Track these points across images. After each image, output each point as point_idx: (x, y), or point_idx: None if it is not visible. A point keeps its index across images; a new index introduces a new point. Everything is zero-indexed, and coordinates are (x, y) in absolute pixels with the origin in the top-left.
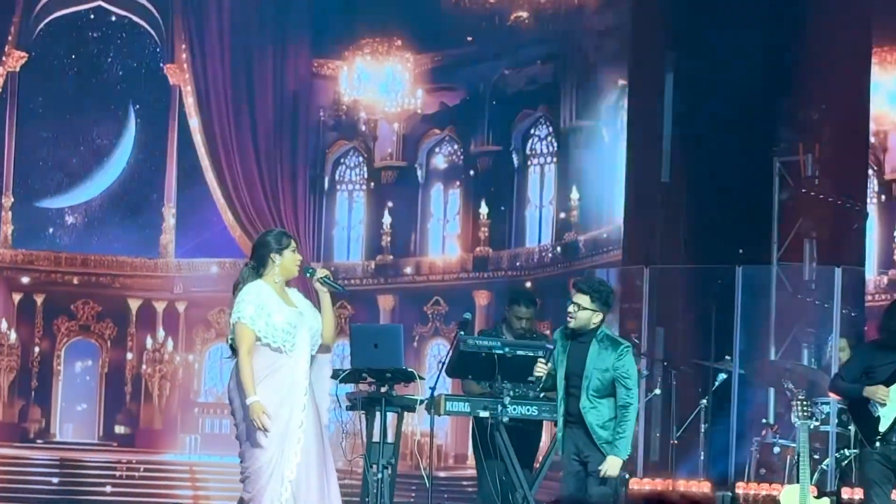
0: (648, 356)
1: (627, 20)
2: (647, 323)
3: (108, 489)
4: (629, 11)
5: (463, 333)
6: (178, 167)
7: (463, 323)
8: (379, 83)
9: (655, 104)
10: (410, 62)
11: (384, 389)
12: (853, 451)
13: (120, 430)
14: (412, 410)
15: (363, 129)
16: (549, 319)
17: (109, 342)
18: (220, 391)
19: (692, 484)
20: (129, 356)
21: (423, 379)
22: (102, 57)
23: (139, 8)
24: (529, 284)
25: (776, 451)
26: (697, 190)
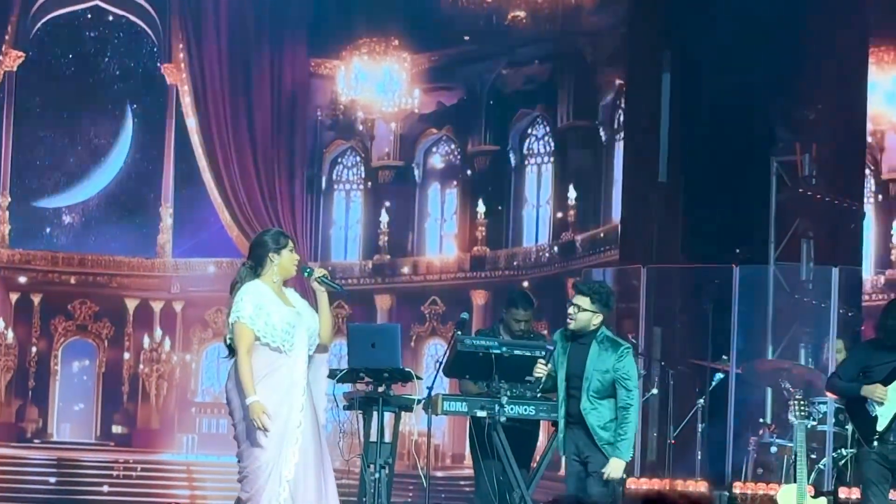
0: (646, 356)
1: (625, 20)
2: (644, 323)
3: (105, 489)
4: (626, 11)
5: (460, 333)
6: (175, 167)
7: (460, 323)
8: (376, 83)
9: (653, 104)
10: (408, 62)
11: (381, 389)
12: (850, 450)
13: (117, 429)
14: (410, 410)
15: (360, 128)
16: (546, 319)
17: (107, 342)
18: (217, 391)
19: (689, 483)
20: (126, 356)
21: (420, 379)
22: (99, 57)
23: (136, 8)
24: (526, 284)
25: (773, 450)
26: (695, 190)
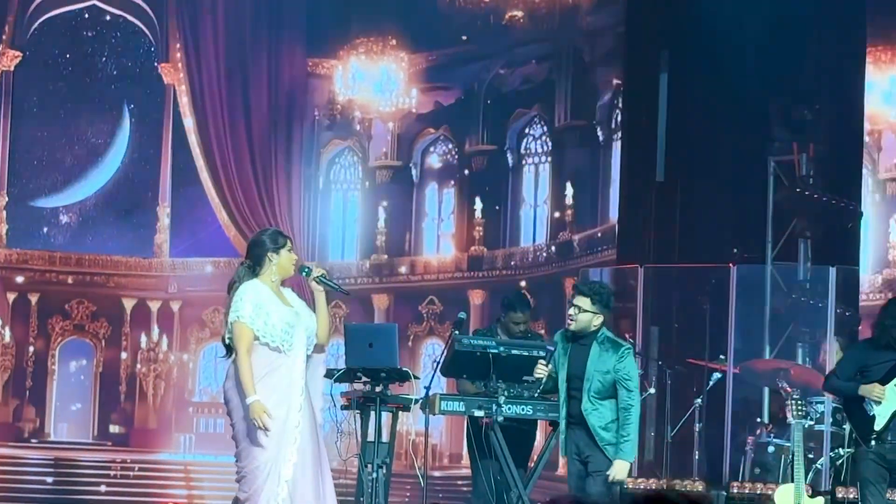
0: (643, 356)
1: (622, 20)
2: (641, 322)
3: (102, 488)
4: (624, 11)
5: (458, 333)
6: (172, 166)
7: (458, 322)
8: (373, 82)
9: (650, 104)
10: (405, 61)
11: (379, 389)
12: (848, 450)
13: (114, 429)
14: (407, 410)
15: (358, 128)
16: (543, 319)
17: (104, 342)
18: (214, 391)
19: (687, 483)
20: (123, 355)
21: (417, 378)
22: (97, 56)
23: (134, 7)
24: (524, 284)
25: (771, 450)
26: (692, 189)
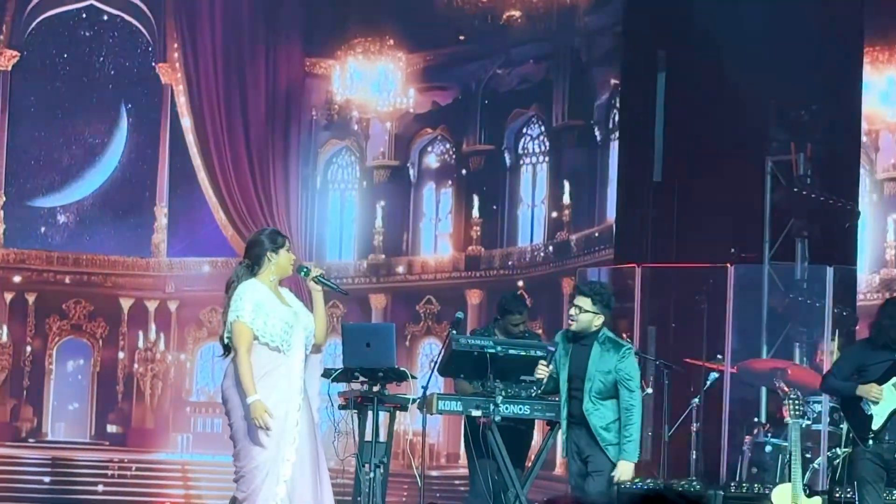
0: (640, 355)
1: (620, 19)
2: (639, 322)
3: (100, 488)
4: (621, 11)
5: (455, 332)
6: (170, 166)
7: (455, 322)
8: (371, 82)
9: (648, 104)
10: (402, 61)
11: (376, 388)
12: (845, 449)
13: (112, 429)
14: (404, 409)
15: (355, 128)
16: (541, 319)
17: (101, 341)
18: (211, 390)
19: (684, 483)
20: (120, 355)
21: (415, 378)
22: (94, 56)
23: (131, 7)
24: (521, 284)
25: (768, 449)
26: (689, 189)
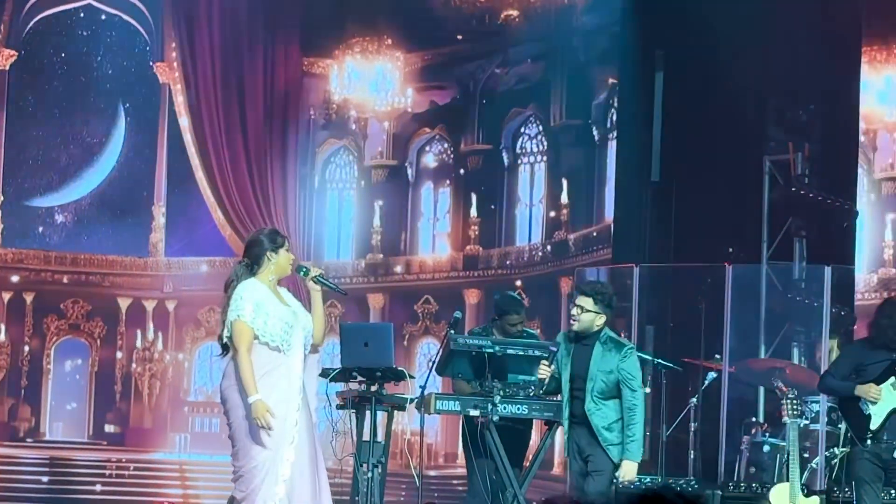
0: (638, 355)
1: (617, 19)
2: (636, 321)
3: (98, 488)
4: (619, 10)
5: (453, 332)
6: (167, 166)
7: (453, 321)
8: (369, 82)
9: (646, 103)
10: (400, 61)
11: (374, 388)
12: (843, 449)
13: (110, 428)
14: (402, 409)
15: (353, 127)
16: (539, 318)
17: (99, 341)
18: (210, 390)
19: (682, 482)
20: (118, 355)
21: (413, 378)
22: (92, 55)
23: (129, 6)
24: (519, 283)
25: (766, 449)
26: (687, 189)
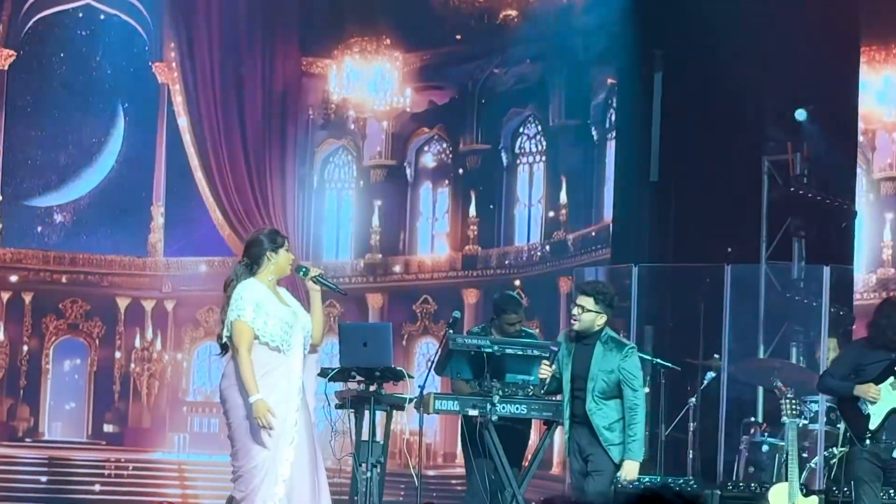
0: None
1: (616, 19)
2: (635, 321)
3: (96, 488)
4: (618, 10)
5: (452, 332)
6: (166, 166)
7: (452, 321)
8: (368, 82)
9: (644, 103)
10: (399, 61)
11: (373, 388)
12: (842, 449)
13: (108, 428)
14: (401, 409)
15: (352, 127)
16: (538, 318)
17: (98, 341)
18: (208, 390)
19: (681, 482)
20: (117, 355)
21: (412, 377)
22: (91, 55)
23: (128, 6)
24: (518, 283)
25: (765, 449)
26: (686, 189)
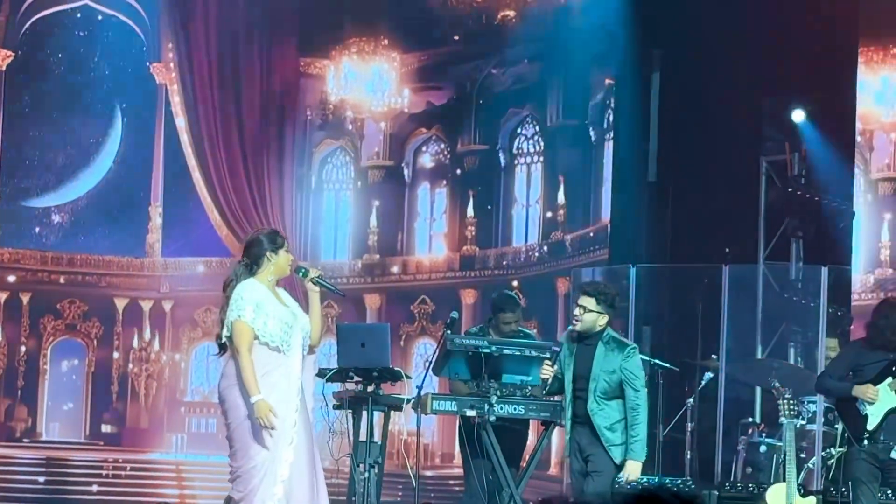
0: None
1: (614, 19)
2: (633, 322)
3: (94, 488)
4: (616, 10)
5: (450, 332)
6: (164, 166)
7: (450, 322)
8: (365, 82)
9: (642, 103)
10: (397, 61)
11: (371, 388)
12: (840, 449)
13: (106, 429)
14: (399, 409)
15: (350, 128)
16: (536, 318)
17: (96, 341)
18: (206, 390)
19: (679, 482)
20: (115, 355)
21: (409, 378)
22: (89, 56)
23: (126, 7)
24: (516, 283)
25: (763, 449)
26: (684, 189)
